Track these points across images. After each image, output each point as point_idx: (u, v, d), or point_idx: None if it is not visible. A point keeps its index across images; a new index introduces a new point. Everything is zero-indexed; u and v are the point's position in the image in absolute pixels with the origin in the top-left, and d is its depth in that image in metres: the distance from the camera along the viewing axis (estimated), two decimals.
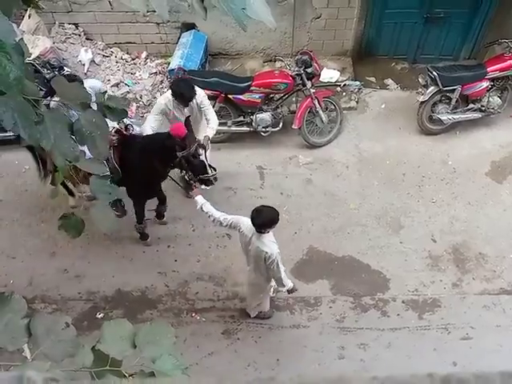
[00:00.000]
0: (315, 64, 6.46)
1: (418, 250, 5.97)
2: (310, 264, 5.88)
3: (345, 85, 7.55)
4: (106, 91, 6.60)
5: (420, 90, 6.86)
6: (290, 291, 4.69)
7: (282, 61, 6.96)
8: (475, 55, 7.93)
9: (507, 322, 5.42)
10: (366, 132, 7.13)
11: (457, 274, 5.80)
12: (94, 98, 2.59)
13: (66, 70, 7.01)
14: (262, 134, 6.76)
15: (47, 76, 6.55)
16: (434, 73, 6.50)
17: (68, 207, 5.82)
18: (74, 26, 7.50)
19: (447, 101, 6.82)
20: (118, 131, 5.08)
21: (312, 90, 6.52)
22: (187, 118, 4.94)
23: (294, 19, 7.38)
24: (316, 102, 6.56)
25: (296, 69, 6.46)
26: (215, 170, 4.95)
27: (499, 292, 5.66)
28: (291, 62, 7.01)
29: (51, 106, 3.08)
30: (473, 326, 5.39)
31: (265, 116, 6.63)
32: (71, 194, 5.99)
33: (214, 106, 6.58)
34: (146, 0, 1.88)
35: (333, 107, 6.89)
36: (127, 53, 7.80)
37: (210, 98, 6.51)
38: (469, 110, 6.93)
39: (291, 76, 6.47)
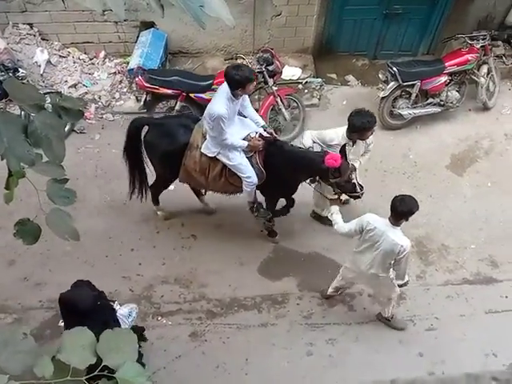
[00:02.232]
0: (277, 61, 6.47)
1: None
2: (277, 262, 5.88)
3: (306, 82, 7.58)
4: (60, 92, 6.43)
5: (380, 85, 6.92)
6: (404, 285, 4.75)
7: (243, 59, 6.89)
8: (433, 50, 8.10)
9: (470, 311, 5.53)
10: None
11: (420, 266, 5.90)
12: None
13: (21, 72, 6.80)
14: None
15: (1, 78, 6.34)
16: (394, 68, 6.60)
17: (24, 213, 5.63)
18: (28, 26, 7.27)
19: (407, 96, 6.94)
20: (261, 136, 4.96)
21: (274, 88, 6.51)
22: (343, 146, 4.88)
23: (254, 17, 7.36)
24: (278, 100, 6.56)
25: (257, 66, 6.42)
26: (362, 188, 5.02)
27: (461, 282, 5.78)
28: (252, 60, 6.99)
29: None
30: (437, 316, 5.48)
31: None
32: (199, 194, 5.92)
33: (175, 105, 6.52)
34: None
35: (295, 104, 6.91)
36: (85, 53, 7.62)
37: (171, 97, 6.46)
38: (428, 104, 7.08)
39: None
